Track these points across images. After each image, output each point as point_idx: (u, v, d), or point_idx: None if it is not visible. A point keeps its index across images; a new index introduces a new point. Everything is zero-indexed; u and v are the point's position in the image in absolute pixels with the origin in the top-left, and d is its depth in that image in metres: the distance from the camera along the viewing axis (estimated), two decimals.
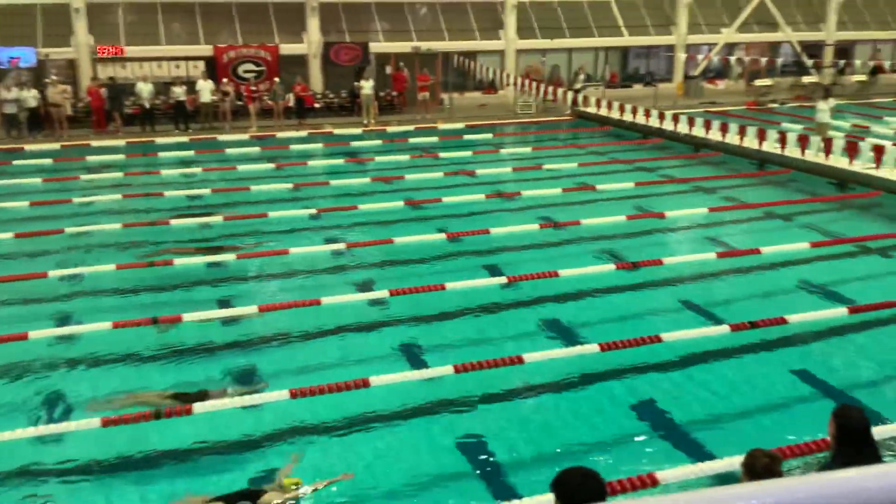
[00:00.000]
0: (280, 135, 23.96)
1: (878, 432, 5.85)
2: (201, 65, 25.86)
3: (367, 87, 25.60)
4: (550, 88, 26.88)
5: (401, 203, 15.45)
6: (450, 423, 7.42)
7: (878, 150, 15.70)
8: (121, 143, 22.28)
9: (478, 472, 6.67)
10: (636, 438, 7.11)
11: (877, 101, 29.59)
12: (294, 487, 6.50)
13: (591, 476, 3.17)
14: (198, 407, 7.31)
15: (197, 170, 18.99)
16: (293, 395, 7.47)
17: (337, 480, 6.59)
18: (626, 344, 8.61)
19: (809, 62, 34.33)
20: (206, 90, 24.33)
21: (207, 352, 9.01)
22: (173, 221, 14.13)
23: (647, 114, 21.65)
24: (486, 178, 18.06)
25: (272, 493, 6.30)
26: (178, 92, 24.17)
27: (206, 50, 26.75)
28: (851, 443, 4.13)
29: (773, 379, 8.25)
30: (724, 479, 6.12)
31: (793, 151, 17.72)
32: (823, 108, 20.06)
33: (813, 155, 17.11)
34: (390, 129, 24.92)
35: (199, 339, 9.26)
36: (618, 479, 6.02)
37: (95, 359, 8.75)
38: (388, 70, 28.59)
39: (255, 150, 21.86)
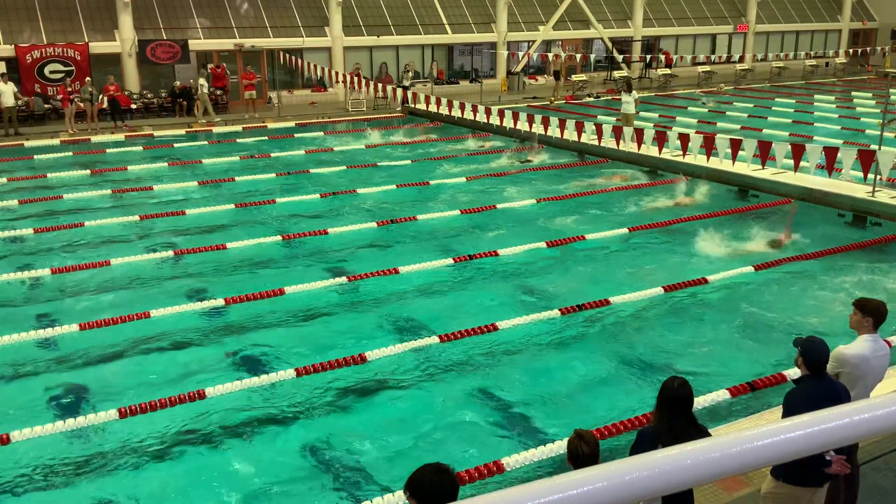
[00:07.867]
0: (95, 138, 22.49)
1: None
2: (2, 66, 23.74)
3: (204, 84, 24.80)
4: (380, 86, 26.99)
5: (232, 206, 15.01)
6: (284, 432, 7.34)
7: (684, 139, 17.00)
8: None
9: None
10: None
11: (679, 93, 32.06)
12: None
13: (443, 471, 3.15)
14: None
15: (2, 180, 17.42)
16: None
17: None
18: (466, 333, 8.93)
19: (620, 57, 36.62)
20: (8, 93, 22.40)
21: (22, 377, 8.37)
22: None
23: (475, 109, 22.26)
24: (320, 176, 17.87)
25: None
26: None
27: (6, 50, 24.66)
28: (672, 409, 4.48)
29: (601, 356, 8.79)
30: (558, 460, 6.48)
31: (608, 142, 18.84)
32: (628, 100, 21.34)
33: (625, 145, 18.29)
34: (217, 129, 24.07)
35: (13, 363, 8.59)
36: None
37: None
38: (209, 67, 27.56)
39: (68, 155, 20.40)
